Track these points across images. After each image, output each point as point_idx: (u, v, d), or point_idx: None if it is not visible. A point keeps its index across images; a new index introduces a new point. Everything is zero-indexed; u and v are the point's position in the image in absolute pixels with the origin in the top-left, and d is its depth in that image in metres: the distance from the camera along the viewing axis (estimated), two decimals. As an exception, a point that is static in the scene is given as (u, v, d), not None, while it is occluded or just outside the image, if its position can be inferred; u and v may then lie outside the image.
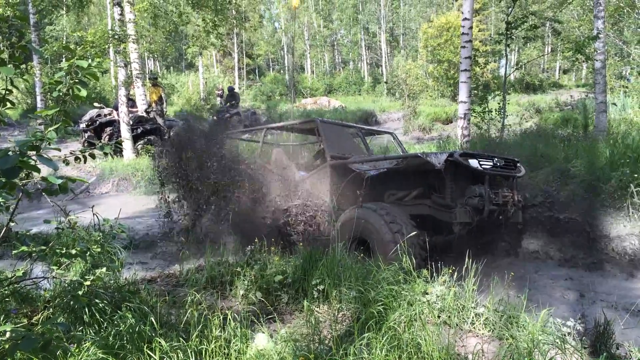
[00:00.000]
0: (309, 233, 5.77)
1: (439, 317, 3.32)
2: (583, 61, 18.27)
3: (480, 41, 29.63)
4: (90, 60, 2.26)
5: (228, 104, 19.79)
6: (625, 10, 22.29)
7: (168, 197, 6.90)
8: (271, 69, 56.81)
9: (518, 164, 5.81)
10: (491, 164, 5.27)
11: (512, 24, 11.25)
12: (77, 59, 2.23)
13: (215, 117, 16.84)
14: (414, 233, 4.73)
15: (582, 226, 6.30)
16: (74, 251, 2.54)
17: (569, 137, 11.34)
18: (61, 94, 2.29)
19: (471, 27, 9.98)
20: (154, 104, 16.00)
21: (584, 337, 3.17)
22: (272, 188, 6.47)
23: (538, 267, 5.74)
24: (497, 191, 5.31)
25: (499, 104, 11.62)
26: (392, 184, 5.92)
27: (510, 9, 12.12)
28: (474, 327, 3.27)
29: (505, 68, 12.39)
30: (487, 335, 3.17)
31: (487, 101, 11.93)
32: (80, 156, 2.53)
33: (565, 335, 3.03)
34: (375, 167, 5.55)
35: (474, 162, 5.04)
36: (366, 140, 7.71)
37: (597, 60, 12.84)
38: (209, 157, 6.14)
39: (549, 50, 40.35)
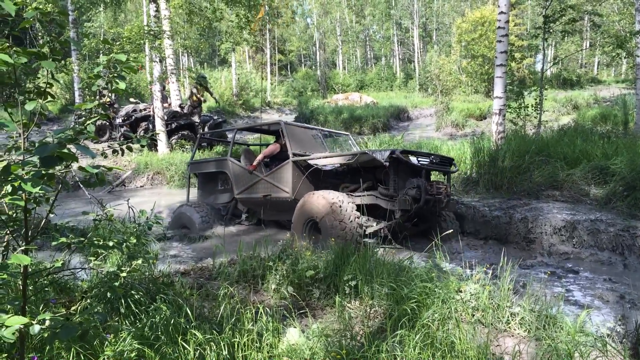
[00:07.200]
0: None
1: (473, 315, 3.26)
2: (624, 57, 17.73)
3: (516, 36, 29.01)
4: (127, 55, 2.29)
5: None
6: (669, 3, 21.49)
7: None
8: (303, 64, 56.87)
9: (453, 163, 6.81)
10: (428, 160, 6.17)
11: (550, 18, 10.98)
12: (115, 53, 2.27)
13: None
14: (355, 216, 5.66)
15: (621, 225, 6.11)
16: (111, 243, 2.58)
17: (608, 134, 11.01)
18: (100, 87, 2.33)
19: (507, 21, 9.77)
20: (194, 102, 16.21)
21: (624, 339, 3.06)
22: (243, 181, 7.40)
23: (575, 267, 5.60)
24: (432, 183, 6.05)
25: (535, 99, 11.36)
26: (346, 178, 6.97)
27: (548, 3, 11.84)
28: (509, 327, 3.20)
29: (542, 63, 12.11)
30: (523, 336, 3.09)
31: (523, 97, 11.69)
32: (118, 149, 2.58)
33: (606, 336, 2.93)
34: (331, 163, 6.36)
35: (413, 159, 5.93)
36: (324, 140, 8.63)
37: (638, 56, 12.46)
38: None
39: (588, 44, 39.26)
